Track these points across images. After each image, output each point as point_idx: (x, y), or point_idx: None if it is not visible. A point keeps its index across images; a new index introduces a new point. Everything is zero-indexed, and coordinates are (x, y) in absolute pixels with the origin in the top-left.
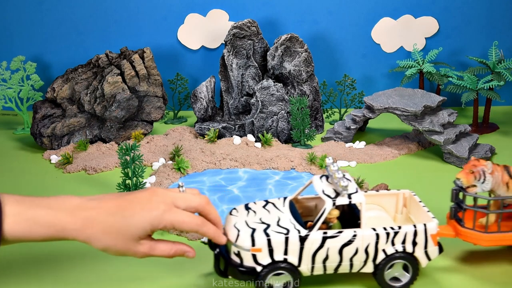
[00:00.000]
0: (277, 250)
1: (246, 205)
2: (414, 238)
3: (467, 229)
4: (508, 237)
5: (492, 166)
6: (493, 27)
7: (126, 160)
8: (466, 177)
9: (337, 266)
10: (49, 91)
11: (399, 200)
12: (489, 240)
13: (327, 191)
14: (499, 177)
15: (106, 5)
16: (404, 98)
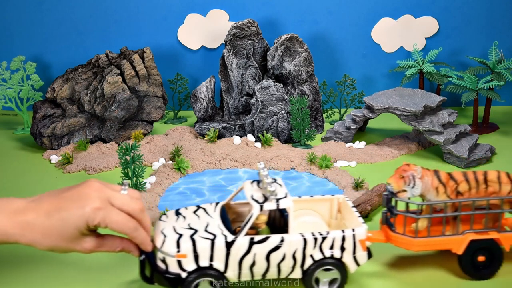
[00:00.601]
0: (203, 256)
1: (177, 210)
2: (342, 243)
3: (398, 234)
4: (438, 242)
5: (421, 171)
6: (493, 27)
7: (126, 160)
8: (397, 182)
9: (265, 272)
10: (49, 91)
11: (333, 205)
12: (419, 245)
13: (255, 196)
14: (429, 182)
15: (106, 5)
16: (404, 98)
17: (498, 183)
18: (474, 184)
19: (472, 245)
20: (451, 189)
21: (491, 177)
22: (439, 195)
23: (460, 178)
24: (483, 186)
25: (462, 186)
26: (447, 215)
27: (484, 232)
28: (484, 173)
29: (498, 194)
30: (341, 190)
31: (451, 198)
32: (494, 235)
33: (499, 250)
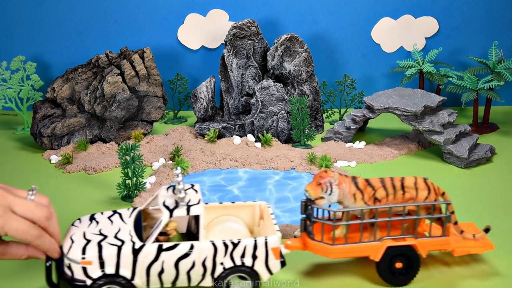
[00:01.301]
0: (109, 263)
1: (92, 215)
2: (254, 251)
3: (316, 242)
4: (355, 249)
5: (338, 177)
6: (493, 27)
7: (126, 160)
8: (314, 189)
9: (174, 280)
10: (49, 91)
11: (256, 211)
12: (336, 253)
13: (167, 203)
14: (346, 188)
15: (106, 5)
16: (404, 98)
17: (415, 189)
18: (391, 191)
19: (389, 251)
20: (368, 196)
21: (408, 183)
22: (357, 202)
23: (378, 185)
24: (401, 192)
25: (379, 192)
26: (363, 222)
27: (401, 238)
28: (401, 179)
29: (415, 200)
30: None
31: (368, 204)
32: (411, 242)
33: (416, 256)
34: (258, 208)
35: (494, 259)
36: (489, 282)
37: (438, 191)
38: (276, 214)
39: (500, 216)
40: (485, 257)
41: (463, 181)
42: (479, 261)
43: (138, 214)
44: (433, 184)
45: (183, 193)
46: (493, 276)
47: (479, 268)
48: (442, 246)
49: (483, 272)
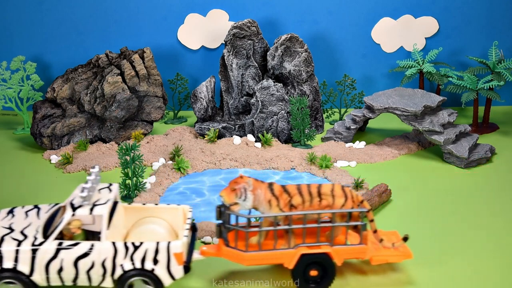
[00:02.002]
0: (7, 258)
1: (12, 209)
2: (156, 255)
3: (229, 248)
4: (269, 256)
5: (253, 183)
6: (493, 27)
7: (126, 160)
8: (228, 195)
9: (74, 278)
10: (49, 91)
11: (179, 215)
12: (250, 259)
13: (75, 201)
14: (262, 195)
15: (106, 5)
16: (404, 98)
17: (332, 196)
18: (307, 197)
19: (303, 259)
20: (284, 202)
21: (324, 190)
22: (272, 208)
23: (294, 191)
24: (317, 199)
25: (295, 199)
26: (277, 228)
27: (316, 246)
28: (318, 186)
29: (332, 207)
30: None
31: (284, 211)
32: (326, 249)
33: (331, 264)
34: (181, 212)
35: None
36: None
37: (356, 198)
38: None
39: (500, 216)
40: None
41: (463, 181)
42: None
43: (56, 210)
44: (351, 192)
45: (85, 192)
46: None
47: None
48: (358, 255)
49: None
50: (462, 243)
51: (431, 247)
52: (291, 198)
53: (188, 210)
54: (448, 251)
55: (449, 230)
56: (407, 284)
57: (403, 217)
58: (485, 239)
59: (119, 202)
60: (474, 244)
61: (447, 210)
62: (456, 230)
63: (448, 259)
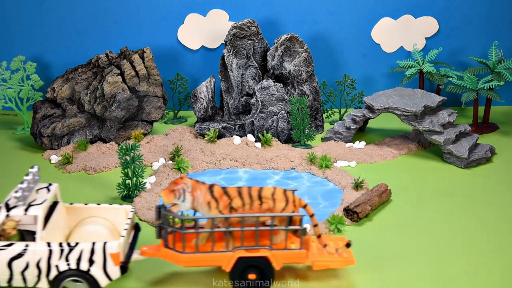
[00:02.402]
0: None
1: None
2: (91, 256)
3: (167, 249)
4: (206, 258)
5: (193, 184)
6: (493, 27)
7: (126, 160)
8: (167, 196)
9: (9, 279)
10: (49, 91)
11: (122, 215)
12: (187, 261)
13: (10, 201)
14: (201, 196)
15: (106, 5)
16: (404, 98)
17: (272, 199)
18: (248, 200)
19: (241, 262)
20: (224, 205)
21: (265, 194)
22: (211, 210)
23: (234, 194)
24: (257, 202)
25: (235, 201)
26: (214, 231)
27: (254, 249)
28: (259, 190)
29: (273, 211)
30: (341, 190)
31: (223, 213)
32: (264, 253)
33: (269, 268)
34: (123, 212)
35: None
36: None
37: (298, 203)
38: None
39: (500, 216)
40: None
41: (463, 181)
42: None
43: None
44: (294, 196)
45: (20, 192)
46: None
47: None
48: (297, 259)
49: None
50: (462, 243)
51: (431, 247)
52: (231, 200)
53: (130, 210)
54: (448, 251)
55: (449, 230)
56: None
57: (403, 217)
58: (486, 239)
59: (60, 202)
60: (474, 244)
61: (447, 210)
62: (456, 230)
63: (448, 259)
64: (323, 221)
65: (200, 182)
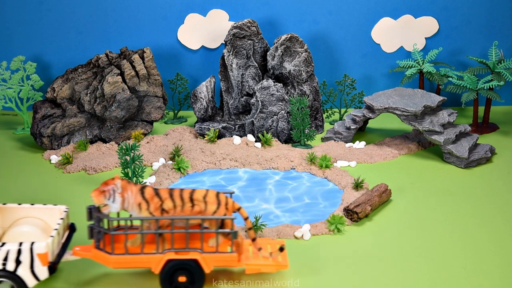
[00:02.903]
0: None
1: None
2: (18, 256)
3: (97, 250)
4: (136, 259)
5: (123, 185)
6: (493, 27)
7: (126, 160)
8: (97, 196)
9: None
10: (49, 91)
11: (56, 215)
12: (116, 262)
13: None
14: (132, 198)
15: (106, 5)
16: (404, 98)
17: (204, 202)
18: (179, 202)
19: (170, 264)
20: (155, 206)
21: (196, 196)
22: (142, 212)
23: (165, 196)
24: (189, 204)
25: (166, 203)
26: (143, 232)
27: (184, 252)
28: (190, 192)
29: (204, 214)
30: (341, 190)
31: (154, 215)
32: (193, 256)
33: (199, 271)
34: (57, 212)
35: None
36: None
37: (231, 206)
38: (276, 214)
39: (500, 216)
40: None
41: (463, 181)
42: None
43: None
44: (227, 199)
45: None
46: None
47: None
48: (228, 263)
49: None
50: (462, 243)
51: (431, 247)
52: (162, 202)
53: (63, 210)
54: (448, 251)
55: (449, 230)
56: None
57: (403, 217)
58: (486, 239)
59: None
60: (474, 244)
61: (447, 210)
62: (456, 230)
63: (448, 259)
64: (323, 221)
65: (132, 183)
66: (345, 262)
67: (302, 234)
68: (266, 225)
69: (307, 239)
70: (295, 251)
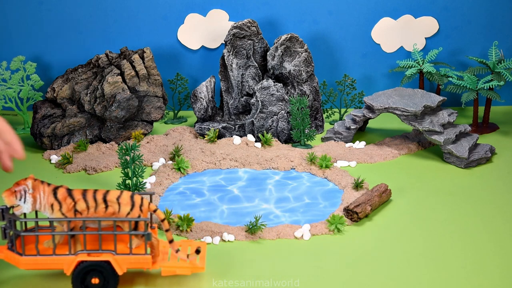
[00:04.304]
0: None
1: None
2: None
3: (9, 251)
4: (47, 261)
5: (34, 186)
6: (493, 27)
7: (126, 160)
8: (8, 197)
9: None
10: (49, 91)
11: None
12: (27, 264)
13: None
14: (44, 198)
15: (106, 5)
16: (404, 98)
17: (118, 203)
18: (92, 203)
19: (82, 266)
20: (67, 207)
21: (110, 197)
22: (54, 213)
23: (78, 196)
24: (103, 205)
25: (79, 204)
26: (54, 233)
27: (96, 253)
28: (104, 193)
29: (118, 215)
30: (341, 190)
31: (67, 216)
32: (105, 257)
33: (112, 273)
34: None
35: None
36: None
37: (146, 207)
38: (276, 214)
39: (500, 216)
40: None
41: (463, 181)
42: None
43: None
44: (142, 200)
45: None
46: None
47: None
48: (142, 264)
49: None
50: (462, 243)
51: (431, 247)
52: (75, 203)
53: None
54: (448, 251)
55: (449, 230)
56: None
57: (403, 217)
58: (486, 239)
59: None
60: (474, 244)
61: (447, 210)
62: (456, 230)
63: (448, 259)
64: (323, 221)
65: (46, 183)
66: (345, 262)
67: (302, 234)
68: (266, 225)
69: (307, 239)
70: (295, 251)
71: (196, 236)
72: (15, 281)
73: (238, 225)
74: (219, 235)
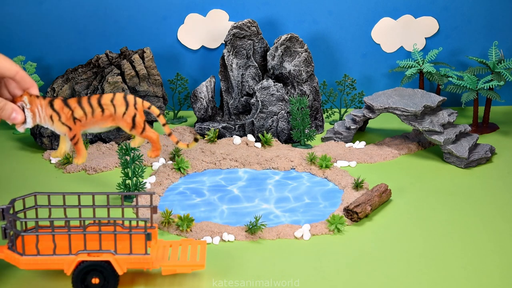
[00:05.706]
0: None
1: None
2: None
3: (9, 250)
4: (48, 261)
5: (30, 100)
6: (493, 27)
7: (126, 160)
8: (18, 113)
9: None
10: (49, 91)
11: None
12: (26, 264)
13: None
14: (42, 111)
15: (106, 5)
16: (404, 98)
17: (112, 105)
18: (89, 109)
19: (82, 266)
20: (66, 116)
21: (104, 101)
22: (55, 124)
23: (74, 104)
24: (99, 109)
25: (77, 112)
26: (55, 233)
27: (96, 253)
28: (98, 97)
29: (114, 117)
30: (341, 190)
31: (67, 125)
32: (106, 257)
33: (112, 273)
34: None
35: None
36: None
37: (140, 105)
38: (276, 214)
39: (500, 216)
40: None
41: (463, 181)
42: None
43: None
44: (135, 99)
45: None
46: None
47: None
48: (142, 264)
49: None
50: (462, 243)
51: (431, 247)
52: (72, 111)
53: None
54: (448, 251)
55: (449, 230)
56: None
57: (403, 217)
58: (486, 239)
59: None
60: (474, 244)
61: (447, 210)
62: (456, 230)
63: (448, 259)
64: (323, 221)
65: (41, 97)
66: (345, 262)
67: (302, 234)
68: (266, 225)
69: (307, 239)
70: (295, 251)
71: (196, 236)
72: (15, 281)
73: (238, 225)
74: (219, 235)
